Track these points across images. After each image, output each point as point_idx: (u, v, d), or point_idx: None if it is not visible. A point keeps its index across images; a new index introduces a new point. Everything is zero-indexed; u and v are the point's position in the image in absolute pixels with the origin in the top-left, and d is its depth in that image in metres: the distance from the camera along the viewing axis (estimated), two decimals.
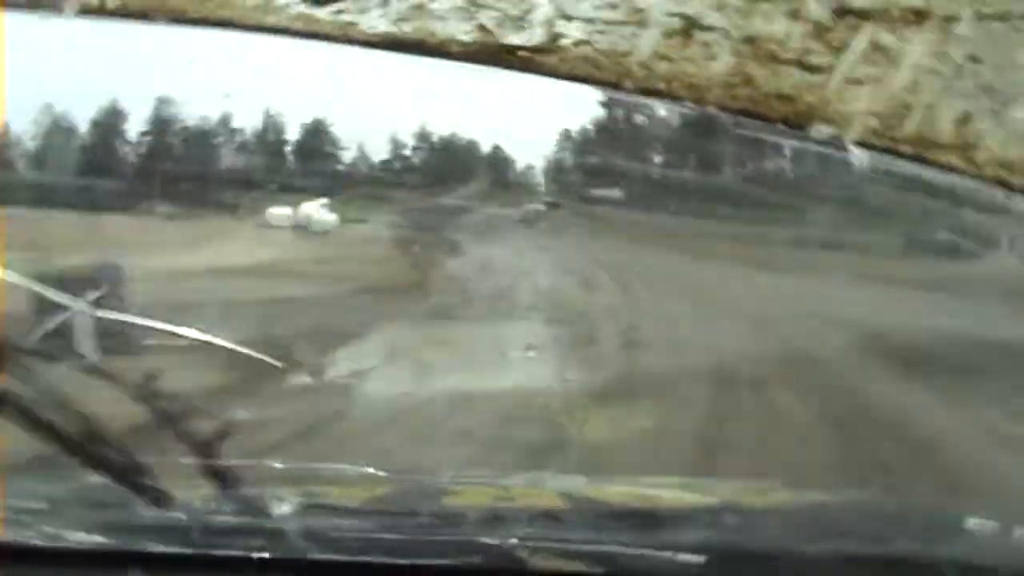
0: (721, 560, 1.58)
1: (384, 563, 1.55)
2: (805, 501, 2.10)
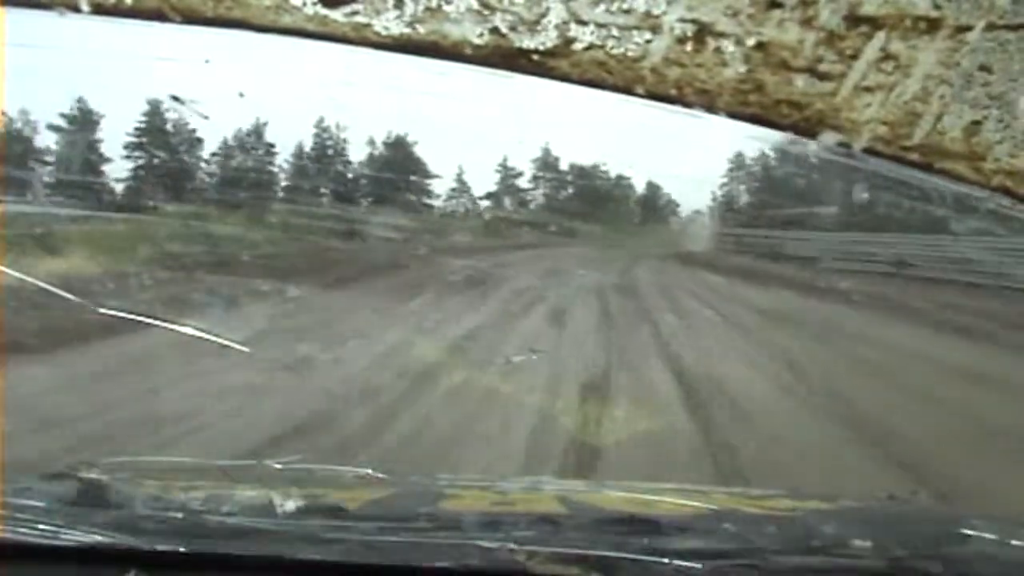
0: (719, 567, 1.58)
1: (382, 565, 1.55)
2: (805, 509, 2.10)
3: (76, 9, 0.92)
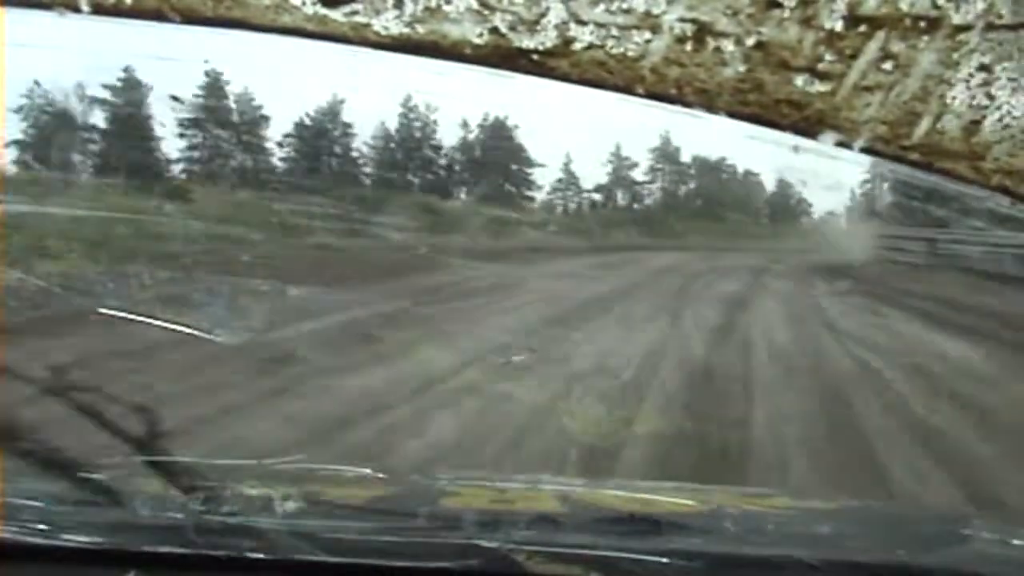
0: (718, 566, 1.58)
1: (382, 565, 1.55)
2: (803, 508, 2.10)
3: (76, 9, 0.92)
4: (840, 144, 0.98)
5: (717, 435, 5.30)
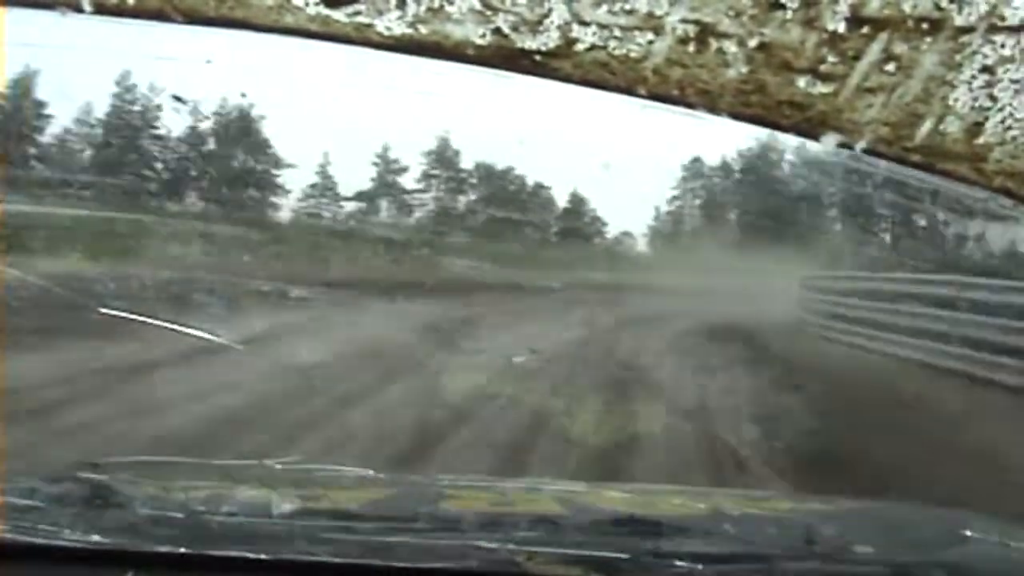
0: (717, 568, 1.58)
1: (382, 566, 1.55)
2: (802, 510, 2.10)
3: (79, 9, 0.92)
4: (842, 145, 0.98)
5: None
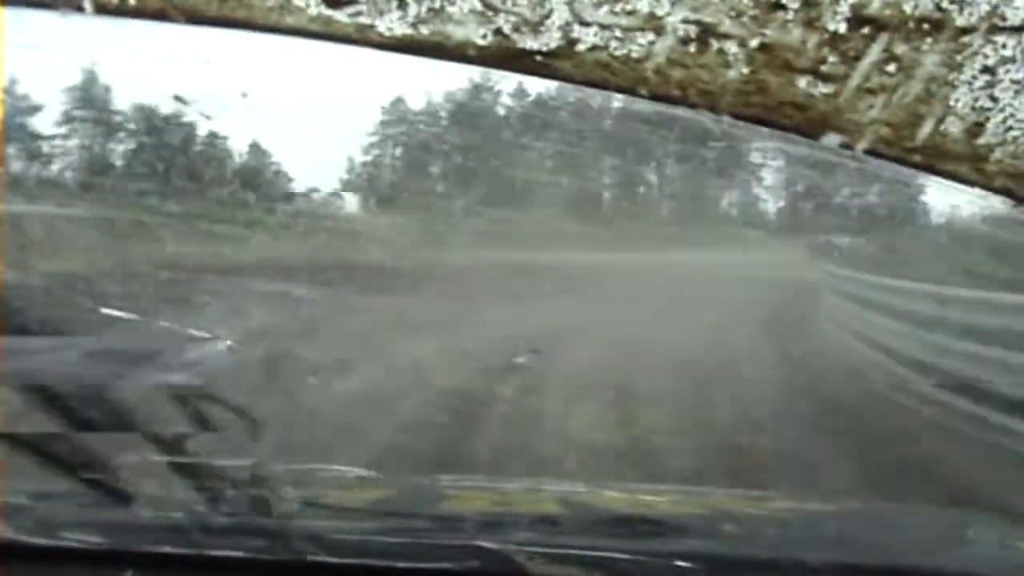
0: (718, 568, 1.58)
1: (382, 566, 1.55)
2: (803, 510, 2.10)
3: (79, 9, 0.92)
4: (843, 146, 0.98)
5: None
